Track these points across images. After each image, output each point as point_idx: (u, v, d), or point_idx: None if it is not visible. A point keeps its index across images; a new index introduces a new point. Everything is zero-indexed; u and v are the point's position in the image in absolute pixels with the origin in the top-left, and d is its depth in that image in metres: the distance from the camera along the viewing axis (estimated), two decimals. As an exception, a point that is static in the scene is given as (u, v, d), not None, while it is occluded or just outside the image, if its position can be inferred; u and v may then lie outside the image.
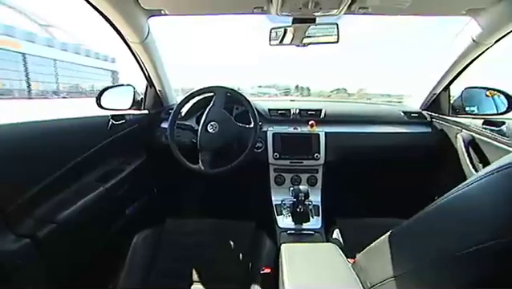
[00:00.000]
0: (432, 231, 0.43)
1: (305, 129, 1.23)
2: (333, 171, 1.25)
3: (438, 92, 1.26)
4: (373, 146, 1.27)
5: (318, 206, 1.14)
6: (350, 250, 0.73)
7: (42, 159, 0.78)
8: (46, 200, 0.80)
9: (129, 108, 1.23)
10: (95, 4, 0.79)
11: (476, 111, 1.20)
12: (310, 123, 1.22)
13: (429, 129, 1.29)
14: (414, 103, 1.40)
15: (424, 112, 1.33)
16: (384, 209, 1.08)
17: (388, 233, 0.53)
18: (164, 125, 1.28)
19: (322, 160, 1.21)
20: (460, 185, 0.39)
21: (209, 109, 1.07)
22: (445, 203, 0.41)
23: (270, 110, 1.30)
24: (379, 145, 1.27)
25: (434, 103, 1.30)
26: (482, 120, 1.04)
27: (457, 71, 1.13)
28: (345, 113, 1.34)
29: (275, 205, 1.16)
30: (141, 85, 1.31)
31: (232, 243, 0.95)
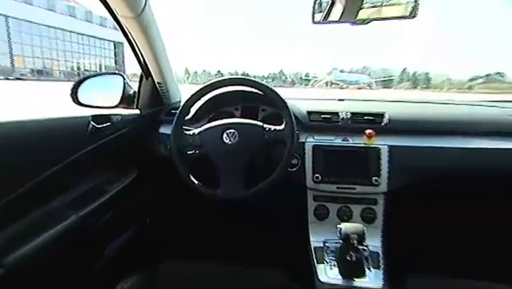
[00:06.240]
0: None
1: (359, 141, 0.97)
2: (400, 203, 0.99)
3: None
4: (465, 168, 0.97)
5: (379, 254, 0.91)
6: None
7: None
8: None
9: (117, 106, 1.03)
10: None
11: None
12: (367, 132, 0.96)
13: None
14: None
15: None
16: (479, 265, 0.88)
17: None
18: (165, 130, 1.10)
19: (384, 187, 0.95)
20: None
21: (227, 111, 0.92)
22: None
23: (309, 113, 1.05)
24: (476, 167, 0.97)
25: None
26: None
27: None
28: (420, 118, 1.05)
29: (314, 248, 0.95)
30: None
31: None
